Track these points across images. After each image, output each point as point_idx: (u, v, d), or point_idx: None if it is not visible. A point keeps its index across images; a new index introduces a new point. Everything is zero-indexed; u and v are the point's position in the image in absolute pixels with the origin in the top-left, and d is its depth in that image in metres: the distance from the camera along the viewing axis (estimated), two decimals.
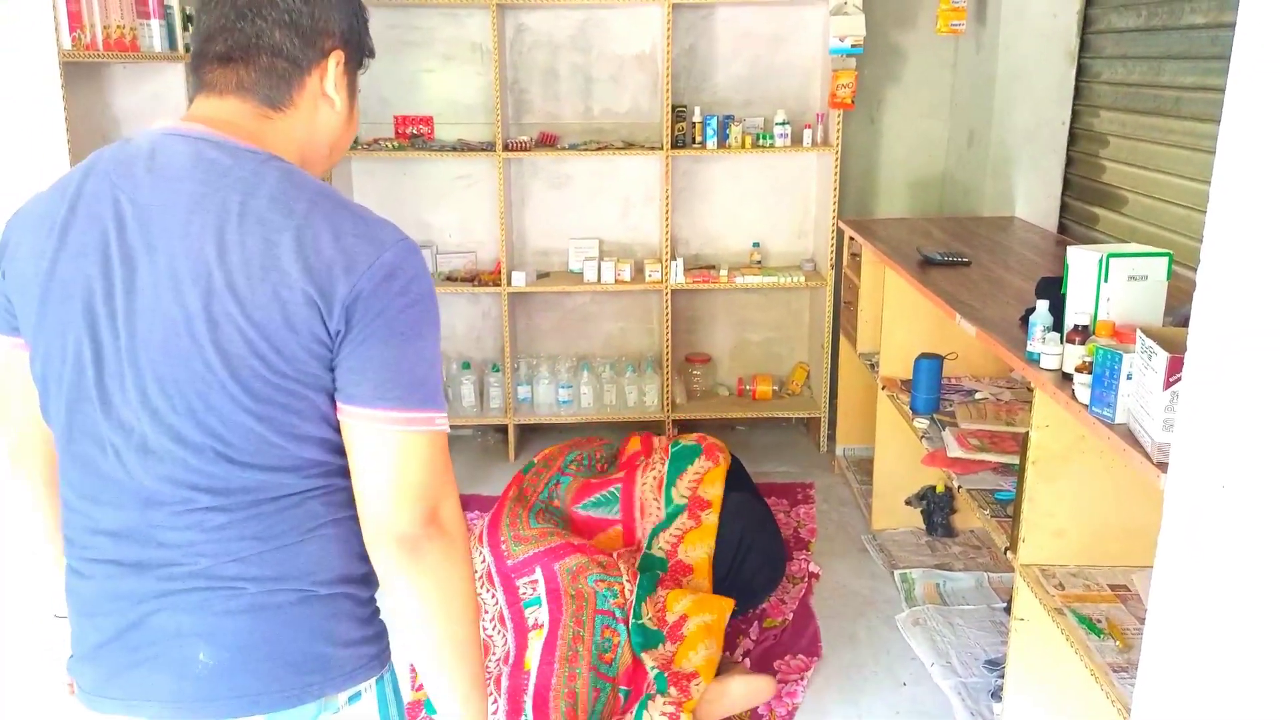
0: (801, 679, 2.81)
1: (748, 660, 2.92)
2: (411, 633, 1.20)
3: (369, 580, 1.25)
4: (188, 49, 2.96)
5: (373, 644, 1.25)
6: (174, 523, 1.13)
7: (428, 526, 1.15)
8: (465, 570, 1.20)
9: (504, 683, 2.66)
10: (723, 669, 2.72)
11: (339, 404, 1.13)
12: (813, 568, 3.37)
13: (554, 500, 3.30)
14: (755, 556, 3.13)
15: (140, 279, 1.09)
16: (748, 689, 2.69)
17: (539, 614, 2.77)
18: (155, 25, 2.76)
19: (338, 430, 1.15)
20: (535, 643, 2.71)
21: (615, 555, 2.96)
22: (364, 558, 1.20)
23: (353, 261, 1.08)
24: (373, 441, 1.12)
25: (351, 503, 1.17)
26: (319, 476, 1.16)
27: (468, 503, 3.90)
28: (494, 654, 2.76)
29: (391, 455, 1.12)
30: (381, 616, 1.29)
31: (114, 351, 1.11)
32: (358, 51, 1.25)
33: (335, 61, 1.21)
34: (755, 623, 3.08)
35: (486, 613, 2.85)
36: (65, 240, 1.12)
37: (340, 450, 1.16)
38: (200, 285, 1.07)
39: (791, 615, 3.12)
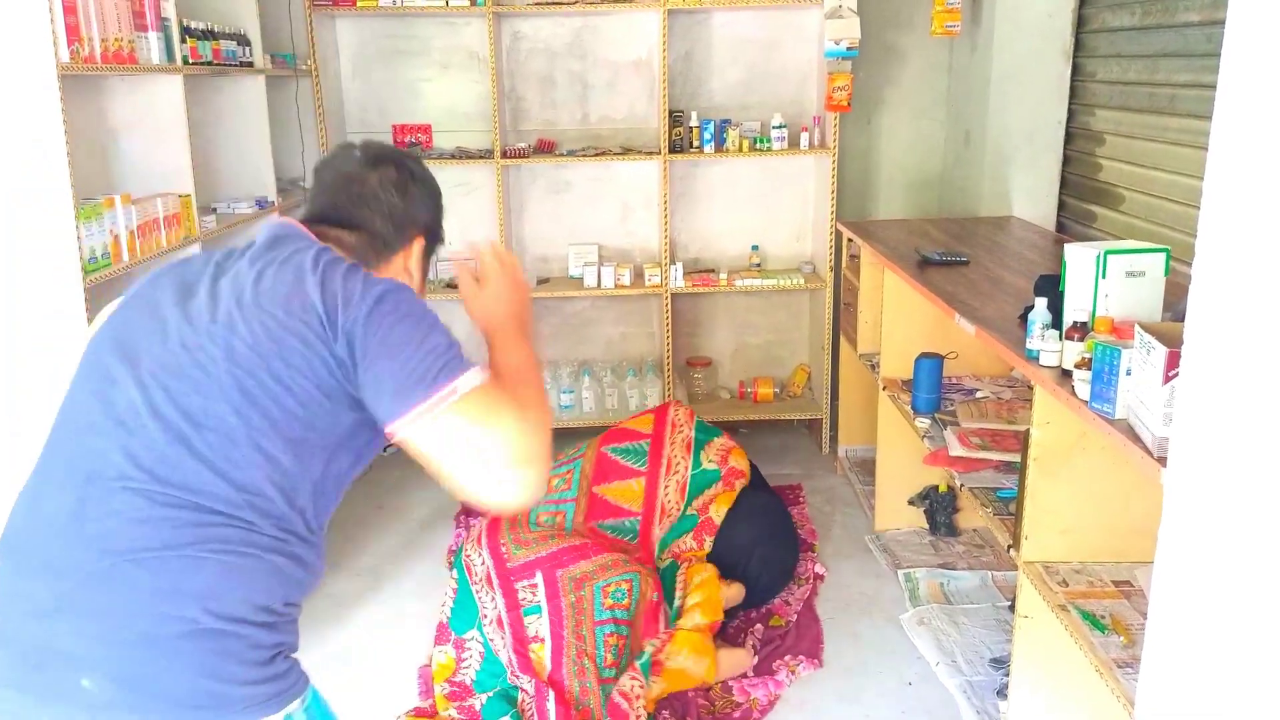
0: (793, 676, 2.82)
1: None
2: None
3: (271, 628, 1.27)
4: (185, 60, 2.97)
5: (270, 684, 1.25)
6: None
7: (504, 484, 1.24)
8: (540, 431, 1.29)
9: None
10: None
11: (387, 430, 1.25)
12: (818, 569, 3.37)
13: (564, 488, 3.31)
14: (758, 564, 3.14)
15: None
16: (730, 659, 2.82)
17: (539, 625, 2.76)
18: (153, 38, 2.77)
19: (291, 469, 1.26)
20: (541, 654, 2.71)
21: (624, 556, 2.96)
22: (264, 609, 1.25)
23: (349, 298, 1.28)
24: (423, 442, 1.23)
25: (267, 549, 1.24)
26: (251, 508, 1.23)
27: (471, 509, 3.91)
28: (507, 659, 2.76)
29: (442, 444, 1.24)
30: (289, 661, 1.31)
31: None
32: (434, 239, 1.54)
33: (418, 247, 1.49)
34: (760, 623, 3.09)
35: (486, 616, 2.86)
36: None
37: (279, 495, 1.25)
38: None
39: (795, 616, 3.12)
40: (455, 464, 1.24)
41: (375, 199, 1.45)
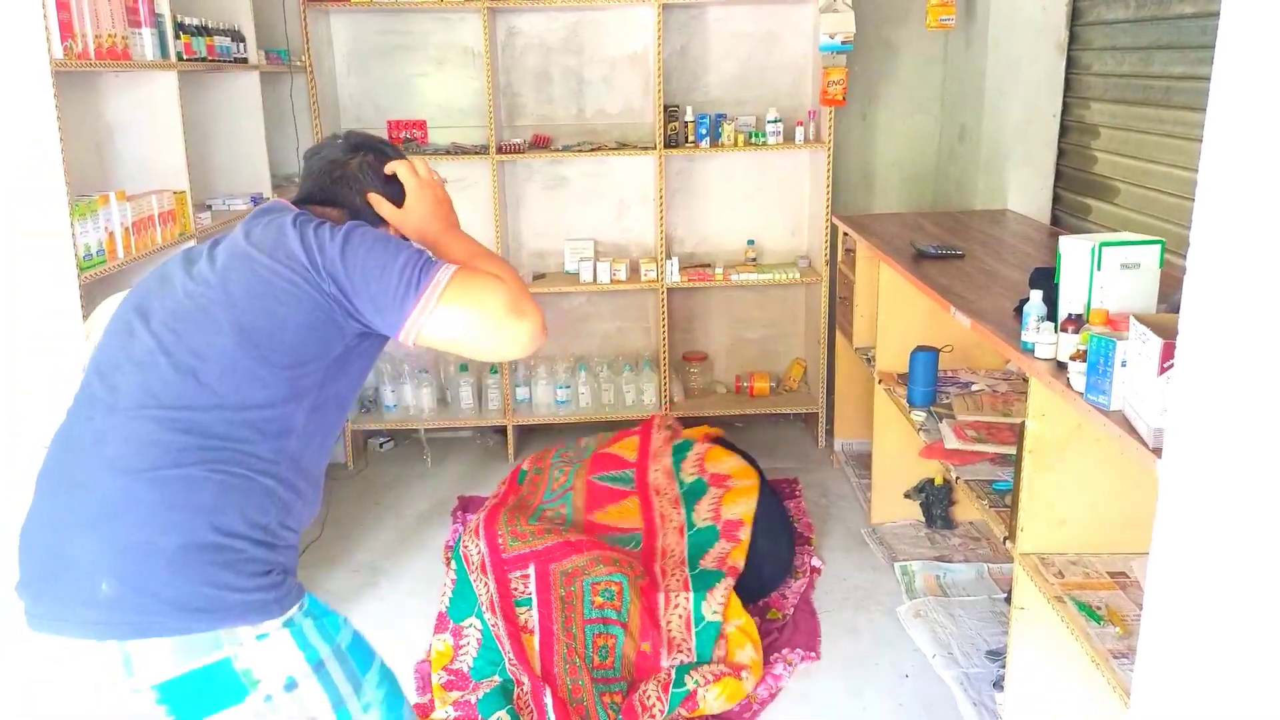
0: (791, 669, 2.83)
1: None
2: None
3: (268, 547, 1.44)
4: (180, 57, 2.97)
5: (266, 592, 1.42)
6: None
7: (510, 336, 1.46)
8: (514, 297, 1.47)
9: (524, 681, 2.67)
10: None
11: (398, 339, 1.45)
12: (814, 562, 3.38)
13: (559, 498, 3.33)
14: (758, 558, 3.15)
15: None
16: None
17: (528, 616, 2.78)
18: (147, 34, 2.76)
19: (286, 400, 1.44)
20: (532, 644, 2.72)
21: (617, 557, 2.96)
22: (260, 527, 1.42)
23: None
24: (432, 336, 1.43)
25: (262, 472, 1.43)
26: (250, 428, 1.42)
27: (468, 505, 3.91)
28: (504, 642, 2.77)
29: (447, 330, 1.44)
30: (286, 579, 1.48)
31: None
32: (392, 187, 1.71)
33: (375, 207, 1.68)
34: (757, 617, 3.09)
35: (482, 600, 2.87)
36: None
37: (276, 419, 1.43)
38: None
39: (793, 610, 3.13)
40: (465, 340, 1.46)
41: (355, 179, 1.65)
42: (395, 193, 1.69)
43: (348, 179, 1.65)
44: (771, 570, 3.20)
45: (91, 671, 1.43)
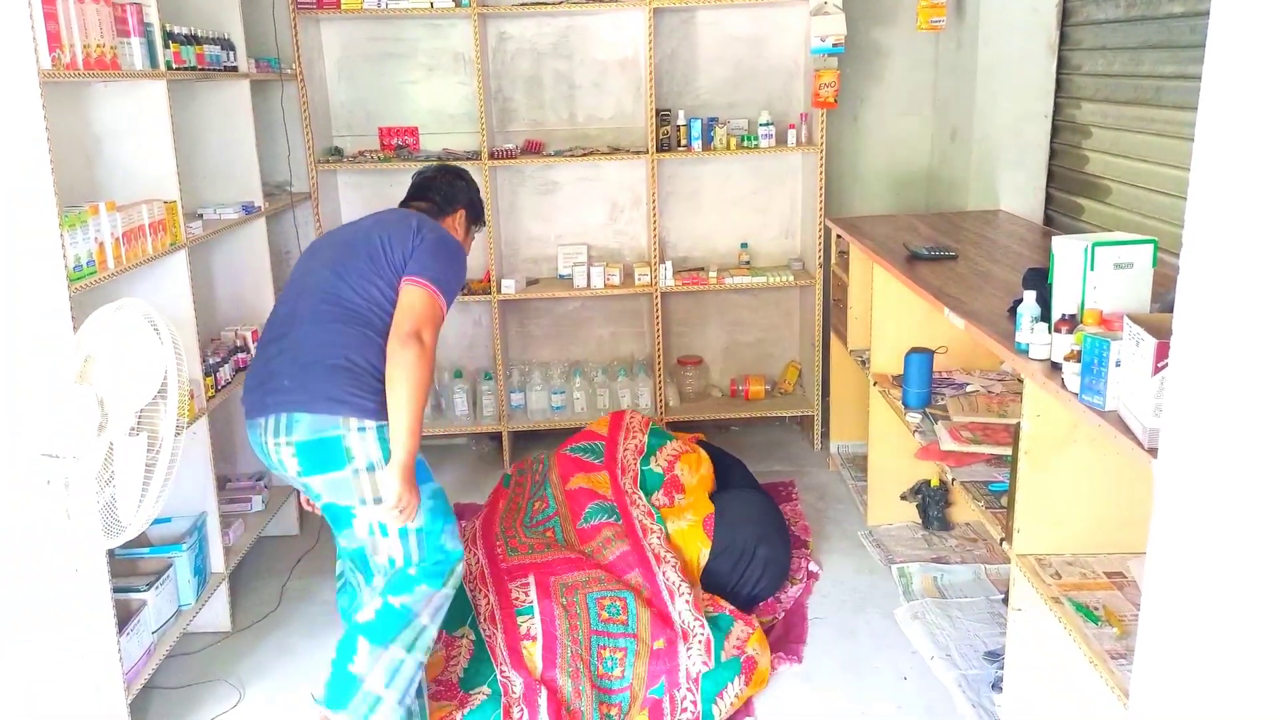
0: (772, 672, 2.83)
1: None
2: (389, 388, 2.29)
3: (377, 378, 2.31)
4: (169, 66, 2.95)
5: (369, 401, 2.29)
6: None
7: (410, 339, 2.31)
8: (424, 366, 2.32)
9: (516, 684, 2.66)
10: None
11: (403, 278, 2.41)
12: (812, 567, 3.37)
13: (543, 492, 3.33)
14: (758, 565, 3.14)
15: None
16: None
17: (530, 624, 2.77)
18: (135, 43, 2.75)
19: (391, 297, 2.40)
20: (533, 651, 2.71)
21: (620, 575, 2.95)
22: (374, 366, 2.32)
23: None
24: (402, 295, 2.38)
25: (379, 332, 2.35)
26: (372, 309, 2.38)
27: (463, 511, 3.90)
28: (499, 653, 2.76)
29: (404, 300, 2.37)
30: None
31: None
32: (472, 213, 2.81)
33: (462, 215, 2.78)
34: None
35: (480, 613, 2.85)
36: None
37: (386, 307, 2.39)
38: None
39: (783, 614, 3.12)
40: (400, 313, 2.35)
41: (436, 186, 2.77)
42: (464, 203, 2.79)
43: (434, 185, 2.77)
44: (770, 579, 3.18)
45: (265, 433, 2.32)
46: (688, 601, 2.83)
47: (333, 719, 2.34)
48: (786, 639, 2.99)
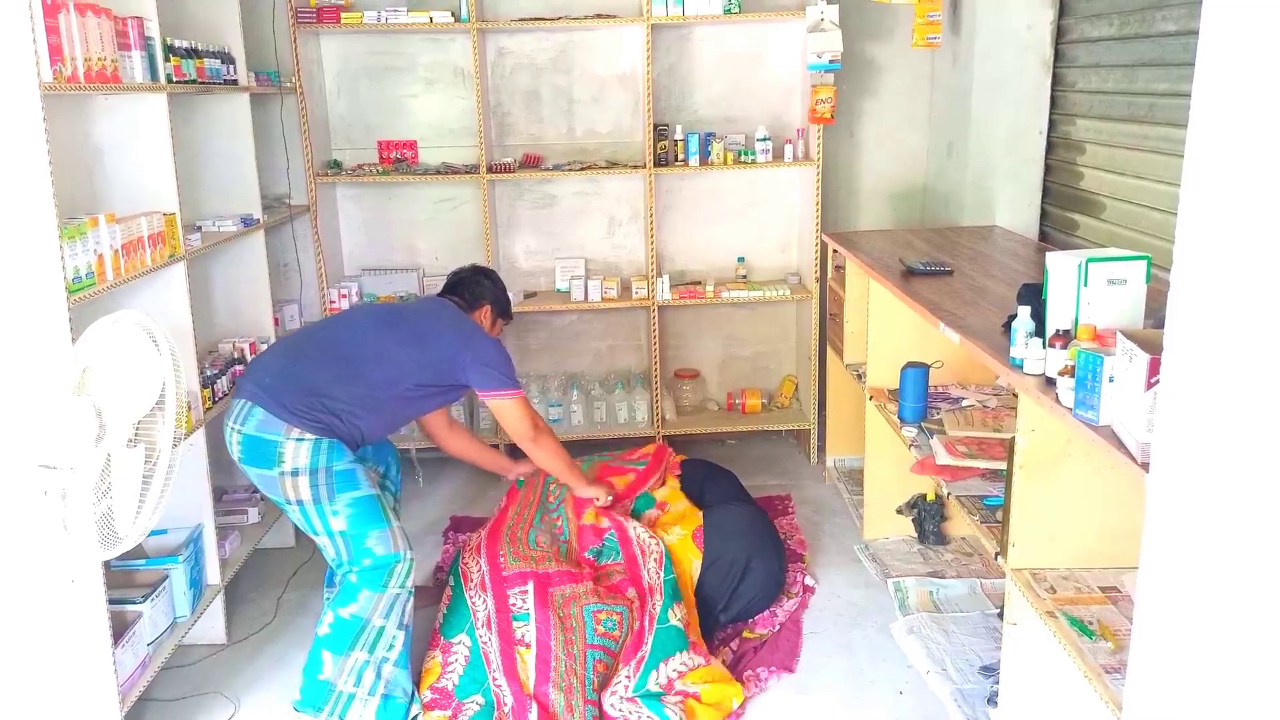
0: (761, 685, 2.83)
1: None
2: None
3: (343, 412, 2.70)
4: (169, 79, 2.97)
5: (320, 424, 2.65)
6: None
7: (530, 441, 3.00)
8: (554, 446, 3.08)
9: (506, 699, 2.65)
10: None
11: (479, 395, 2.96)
12: (808, 581, 3.37)
13: (553, 512, 3.29)
14: (752, 577, 3.13)
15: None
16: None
17: (526, 631, 2.76)
18: (136, 56, 2.76)
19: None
20: (527, 659, 2.71)
21: (619, 591, 2.94)
22: (349, 405, 2.72)
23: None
24: (490, 406, 2.98)
25: (375, 390, 2.78)
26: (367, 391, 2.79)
27: (460, 525, 3.90)
28: (493, 660, 2.76)
29: (503, 414, 2.97)
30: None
31: None
32: (498, 308, 3.18)
33: (488, 309, 3.15)
34: (736, 636, 3.08)
35: (477, 617, 2.86)
36: None
37: (395, 385, 2.84)
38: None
39: (779, 627, 3.12)
40: (509, 426, 2.99)
41: (465, 284, 3.14)
42: (490, 300, 3.17)
43: (464, 284, 3.16)
44: (765, 593, 3.17)
45: (229, 413, 2.67)
46: (656, 607, 2.86)
47: None
48: (779, 652, 2.98)
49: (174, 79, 3.02)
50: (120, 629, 2.61)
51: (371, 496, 2.67)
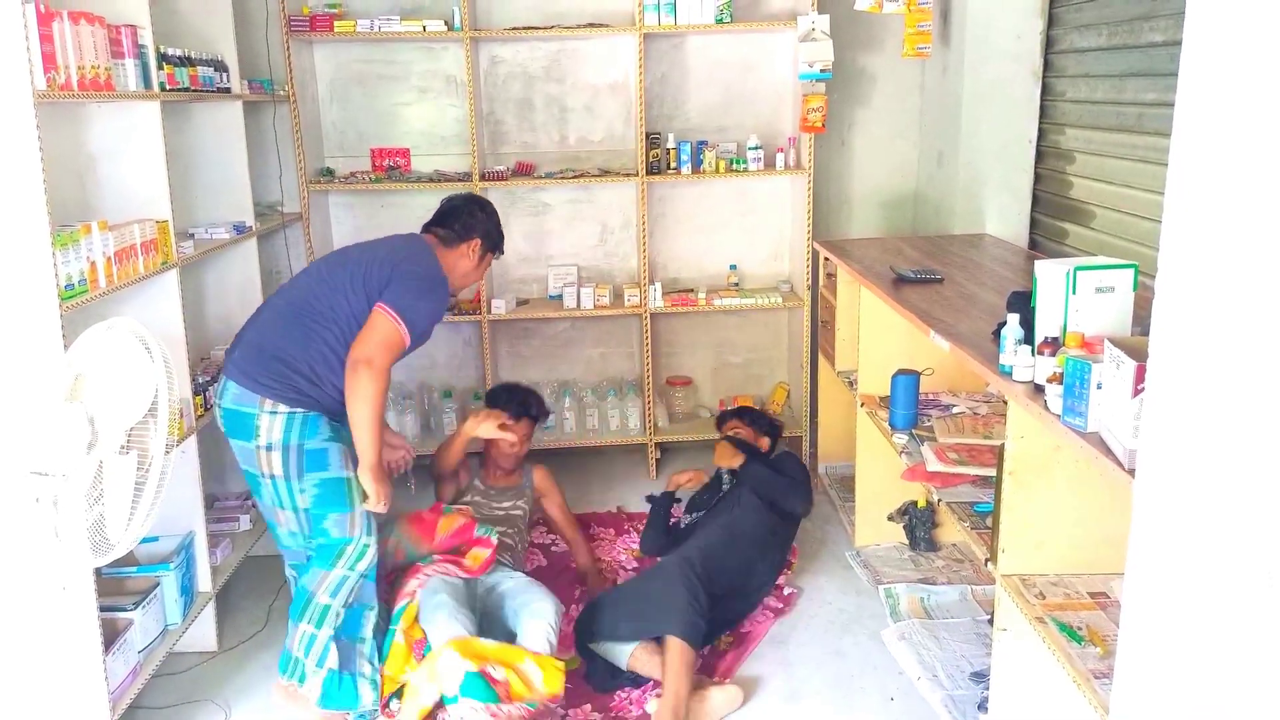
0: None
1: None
2: (348, 404, 2.66)
3: (306, 374, 2.69)
4: (163, 87, 2.98)
5: (291, 393, 2.66)
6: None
7: (360, 363, 2.64)
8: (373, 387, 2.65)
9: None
10: (696, 685, 2.78)
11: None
12: (787, 590, 3.37)
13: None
14: (759, 572, 3.17)
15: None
16: (725, 696, 2.80)
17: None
18: (130, 64, 2.77)
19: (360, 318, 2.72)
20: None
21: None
22: (310, 364, 2.69)
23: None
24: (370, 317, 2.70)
25: (330, 344, 2.70)
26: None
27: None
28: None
29: (372, 323, 2.68)
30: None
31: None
32: (489, 243, 3.02)
33: (477, 244, 2.97)
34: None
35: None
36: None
37: (345, 321, 2.72)
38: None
39: (748, 629, 3.16)
40: (362, 334, 2.67)
41: (458, 214, 2.96)
42: (481, 233, 2.99)
43: (455, 213, 2.98)
44: (762, 589, 3.20)
45: (216, 390, 2.75)
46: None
47: (282, 682, 2.78)
48: (722, 662, 3.01)
49: (167, 87, 3.03)
50: (111, 636, 2.60)
51: (340, 479, 2.70)
